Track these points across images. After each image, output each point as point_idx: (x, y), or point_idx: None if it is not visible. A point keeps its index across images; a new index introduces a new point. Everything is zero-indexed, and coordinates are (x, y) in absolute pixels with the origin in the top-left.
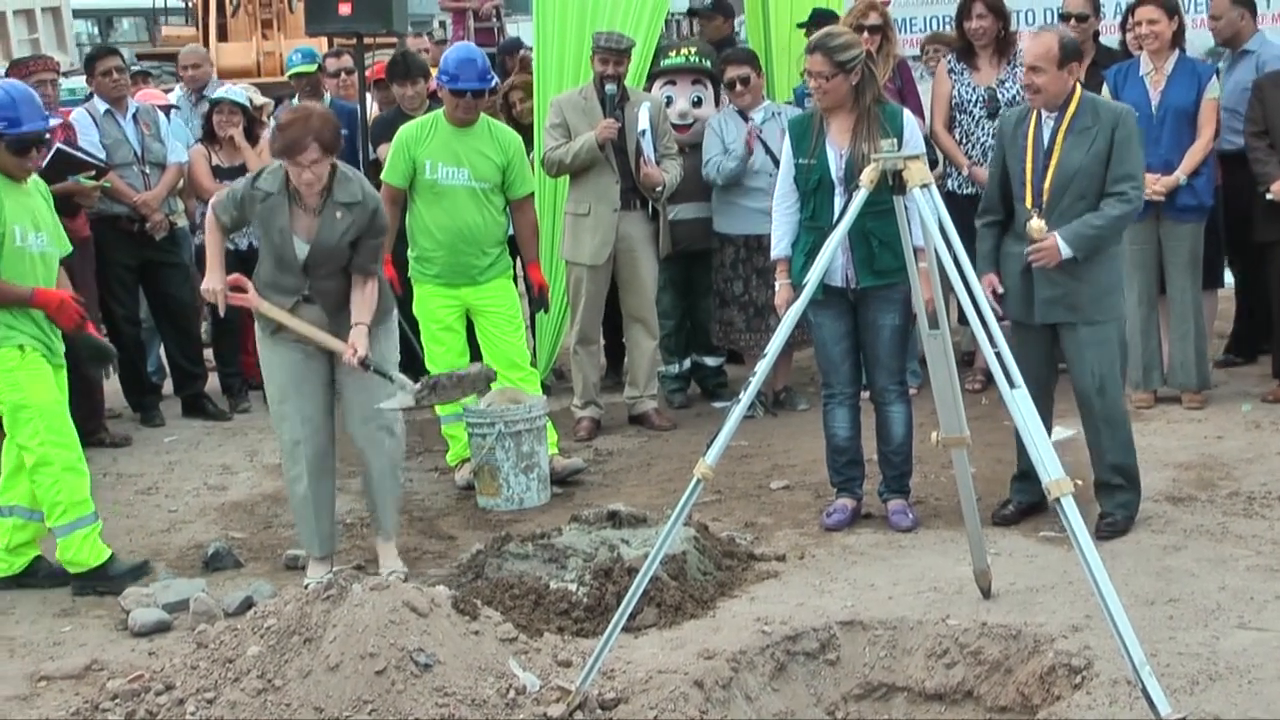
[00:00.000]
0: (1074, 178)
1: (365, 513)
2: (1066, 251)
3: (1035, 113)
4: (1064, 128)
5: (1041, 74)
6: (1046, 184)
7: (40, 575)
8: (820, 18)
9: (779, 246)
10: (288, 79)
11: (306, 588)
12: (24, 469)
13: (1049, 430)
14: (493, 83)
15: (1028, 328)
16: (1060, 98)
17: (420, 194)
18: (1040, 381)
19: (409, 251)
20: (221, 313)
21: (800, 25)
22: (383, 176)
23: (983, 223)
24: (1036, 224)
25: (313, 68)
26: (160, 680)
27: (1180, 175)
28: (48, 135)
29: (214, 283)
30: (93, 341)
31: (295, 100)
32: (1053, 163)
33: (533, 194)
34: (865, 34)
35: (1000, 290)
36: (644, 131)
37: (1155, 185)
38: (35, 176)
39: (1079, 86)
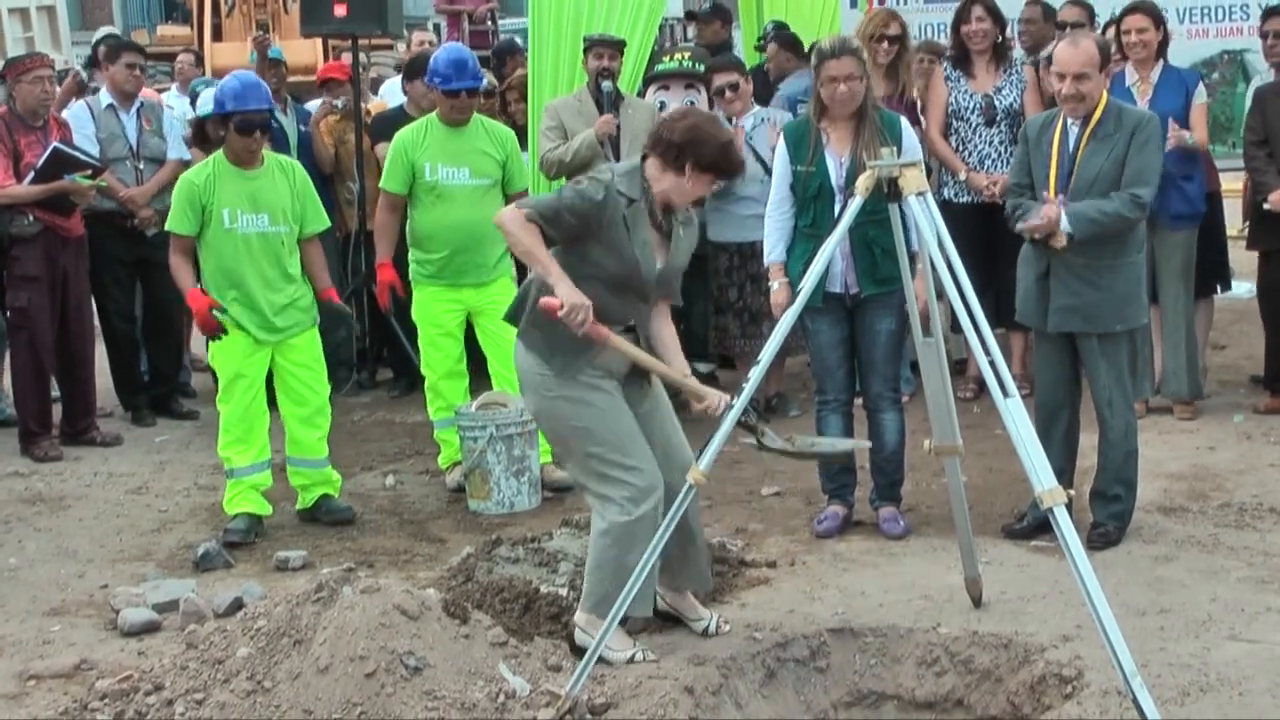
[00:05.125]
0: (1094, 183)
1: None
2: (1066, 226)
3: (1060, 118)
4: (1088, 133)
5: (1088, 81)
6: (1069, 189)
7: (323, 511)
8: (780, 28)
9: (773, 253)
10: None
11: (629, 657)
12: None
13: (1059, 441)
14: (484, 82)
15: (1047, 336)
16: (1095, 103)
17: (421, 197)
18: (1060, 391)
19: (410, 255)
20: (582, 332)
21: (758, 43)
22: (382, 185)
23: (1012, 200)
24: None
25: None
26: (149, 680)
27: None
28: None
29: (577, 295)
30: (334, 308)
31: None
32: (1075, 168)
33: (528, 189)
34: (886, 43)
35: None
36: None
37: None
38: (292, 162)
39: (1106, 92)
